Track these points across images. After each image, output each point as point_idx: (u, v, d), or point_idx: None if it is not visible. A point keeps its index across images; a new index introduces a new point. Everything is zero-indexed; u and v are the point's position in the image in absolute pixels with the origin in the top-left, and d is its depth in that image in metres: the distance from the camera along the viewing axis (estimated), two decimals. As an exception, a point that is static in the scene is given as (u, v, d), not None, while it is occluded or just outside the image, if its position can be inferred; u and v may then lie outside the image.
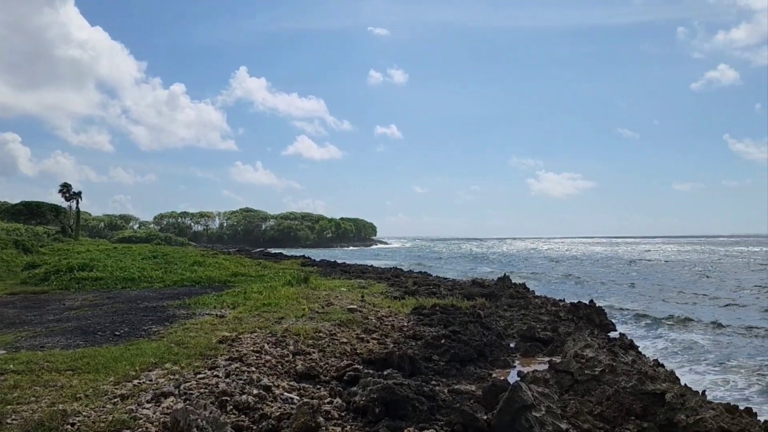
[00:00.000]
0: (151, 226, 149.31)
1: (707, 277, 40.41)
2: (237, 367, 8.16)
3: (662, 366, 10.94)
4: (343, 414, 6.90)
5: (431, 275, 31.91)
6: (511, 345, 12.68)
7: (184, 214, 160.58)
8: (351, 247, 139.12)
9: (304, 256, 49.13)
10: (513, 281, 25.83)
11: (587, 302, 17.94)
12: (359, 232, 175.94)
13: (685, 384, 9.23)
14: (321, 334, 10.72)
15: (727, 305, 24.65)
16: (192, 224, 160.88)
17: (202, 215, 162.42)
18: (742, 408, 7.63)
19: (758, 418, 7.40)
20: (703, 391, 8.53)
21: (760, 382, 11.73)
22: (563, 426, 6.79)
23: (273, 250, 70.48)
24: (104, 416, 5.98)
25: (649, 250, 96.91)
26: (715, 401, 8.07)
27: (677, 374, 9.90)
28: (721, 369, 12.77)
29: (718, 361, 13.38)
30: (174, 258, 28.71)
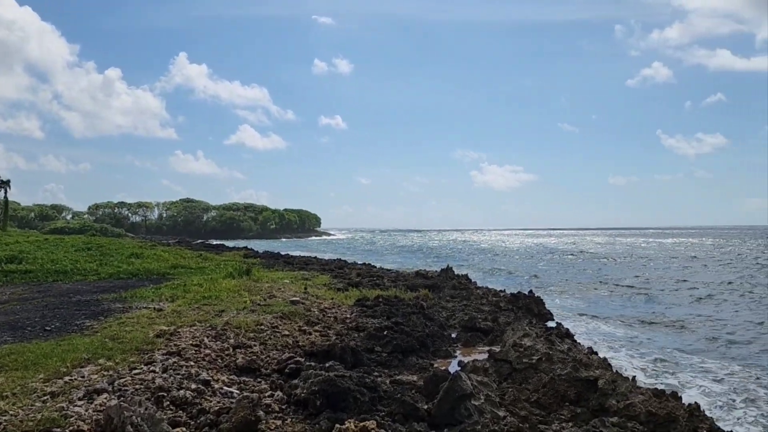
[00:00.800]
0: (86, 216, 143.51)
1: (645, 266, 42.22)
2: (175, 362, 7.95)
3: (596, 354, 11.35)
4: (284, 407, 6.84)
5: (375, 267, 32.03)
6: (453, 335, 12.89)
7: (121, 204, 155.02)
8: (295, 239, 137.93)
9: (246, 248, 48.43)
10: (456, 272, 26.22)
11: (527, 292, 18.41)
12: (303, 224, 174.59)
13: (617, 371, 9.65)
14: (262, 327, 10.59)
15: (659, 292, 25.86)
16: (129, 215, 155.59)
17: (140, 205, 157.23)
18: (668, 392, 8.02)
19: (683, 401, 7.79)
20: (633, 377, 8.91)
21: (671, 369, 12.37)
22: (501, 413, 6.95)
23: (214, 242, 69.18)
24: (33, 415, 5.72)
25: (578, 242, 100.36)
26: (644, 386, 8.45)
27: (610, 362, 10.29)
28: (643, 355, 13.38)
29: (638, 349, 14.02)
30: (110, 249, 27.72)
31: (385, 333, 11.15)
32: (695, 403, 7.70)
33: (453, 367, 9.70)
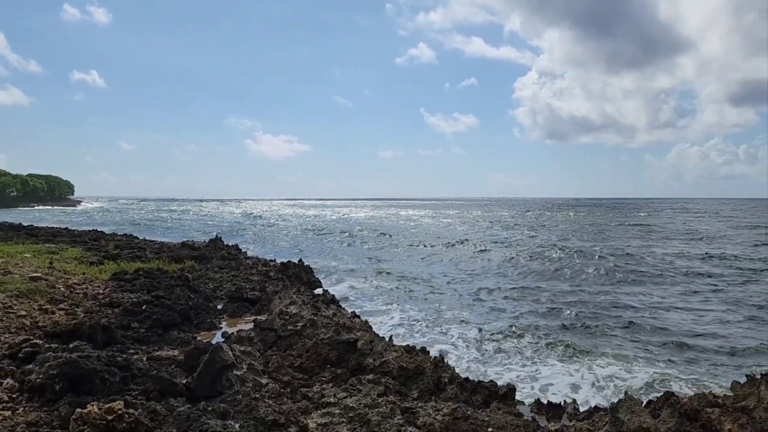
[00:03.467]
0: None
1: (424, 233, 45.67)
2: None
3: (358, 317, 12.02)
4: (15, 396, 5.98)
5: (137, 238, 29.72)
6: (219, 307, 12.55)
7: None
8: (41, 207, 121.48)
9: (-24, 218, 41.37)
10: (226, 243, 25.58)
11: (297, 261, 18.69)
12: (53, 191, 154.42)
13: (376, 333, 10.32)
14: (-9, 308, 9.13)
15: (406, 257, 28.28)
16: None
17: None
18: (419, 348, 8.81)
19: (430, 354, 8.61)
20: (391, 337, 9.61)
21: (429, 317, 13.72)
22: (264, 381, 6.96)
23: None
24: None
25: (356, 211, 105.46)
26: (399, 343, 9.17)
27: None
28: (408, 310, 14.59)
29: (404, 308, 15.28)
30: None
31: (143, 308, 10.41)
32: (439, 355, 8.58)
33: (218, 339, 9.44)
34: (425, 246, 35.82)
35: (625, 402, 5.78)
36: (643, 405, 6.11)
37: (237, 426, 4.96)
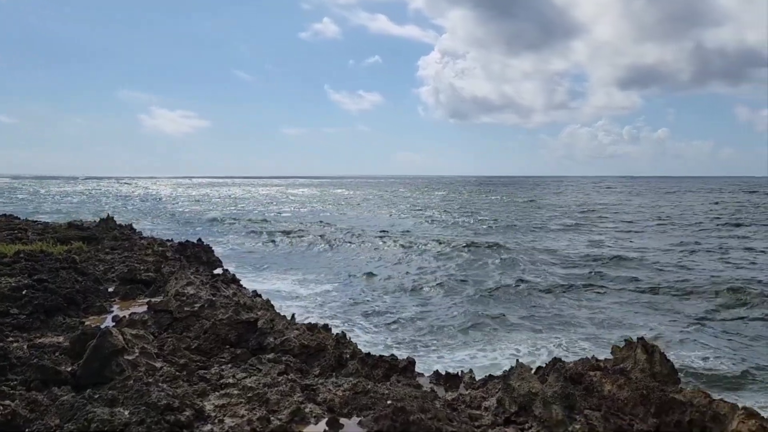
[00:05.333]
0: None
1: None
2: None
3: (260, 296, 11.82)
4: None
5: (19, 218, 27.52)
6: (110, 290, 11.90)
7: None
8: None
9: None
10: (118, 222, 24.24)
11: (196, 241, 18.08)
12: None
13: (277, 312, 10.20)
14: None
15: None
16: None
17: None
18: (321, 325, 8.82)
19: (333, 332, 8.64)
20: (293, 315, 9.54)
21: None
22: (158, 364, 6.69)
23: None
24: None
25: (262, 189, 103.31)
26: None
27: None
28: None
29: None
30: None
31: (24, 293, 9.67)
32: (342, 332, 8.63)
33: (108, 323, 8.96)
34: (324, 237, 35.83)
35: (516, 369, 6.08)
36: (533, 372, 6.46)
37: (126, 413, 4.75)
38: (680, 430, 5.19)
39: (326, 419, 5.09)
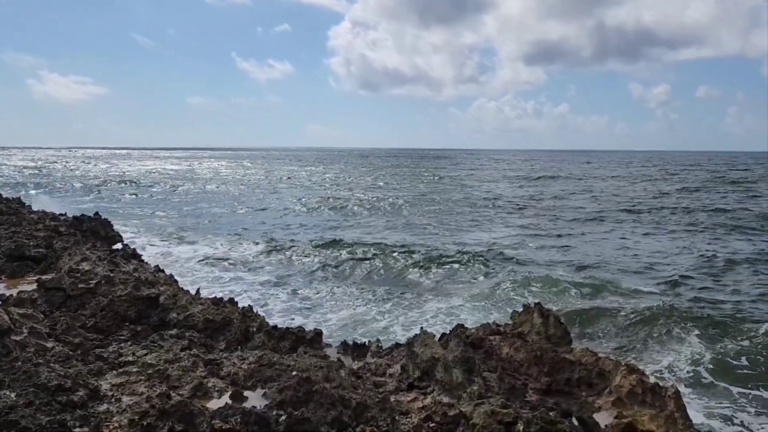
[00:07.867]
0: None
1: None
2: None
3: (163, 271, 11.40)
4: None
5: None
6: (-4, 267, 11.09)
7: None
8: None
9: None
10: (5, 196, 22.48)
11: (92, 215, 17.09)
12: None
13: (181, 287, 9.87)
14: None
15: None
16: None
17: None
18: (227, 299, 8.66)
19: (239, 305, 8.51)
20: (198, 289, 9.28)
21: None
22: (49, 344, 6.33)
23: None
24: None
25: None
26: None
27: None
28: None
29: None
30: None
31: None
32: (249, 305, 8.51)
33: (-7, 303, 8.35)
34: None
35: (419, 336, 6.28)
36: (437, 338, 6.68)
37: (13, 395, 4.48)
38: (570, 387, 5.57)
39: (230, 392, 5.04)
